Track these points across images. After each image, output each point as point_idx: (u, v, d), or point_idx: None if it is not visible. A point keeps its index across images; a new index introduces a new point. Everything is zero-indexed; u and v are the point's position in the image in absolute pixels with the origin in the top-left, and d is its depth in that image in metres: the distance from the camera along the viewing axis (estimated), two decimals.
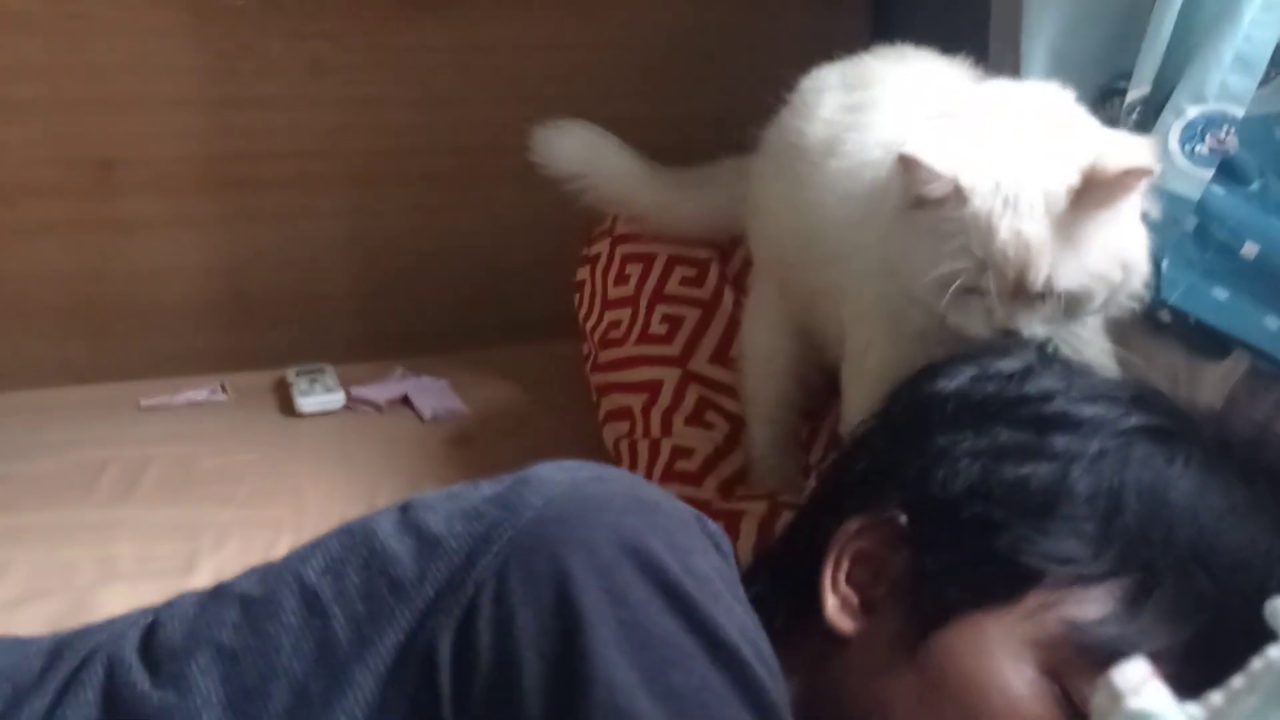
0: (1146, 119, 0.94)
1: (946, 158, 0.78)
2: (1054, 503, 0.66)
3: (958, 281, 0.78)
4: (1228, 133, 0.89)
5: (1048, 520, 0.66)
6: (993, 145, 0.80)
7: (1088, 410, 0.70)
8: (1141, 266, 0.82)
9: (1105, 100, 0.96)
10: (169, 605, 0.70)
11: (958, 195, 0.78)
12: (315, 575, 0.64)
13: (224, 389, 1.57)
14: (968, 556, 0.66)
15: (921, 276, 0.81)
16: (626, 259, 1.41)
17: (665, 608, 0.57)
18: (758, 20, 1.76)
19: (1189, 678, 0.55)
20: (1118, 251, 0.80)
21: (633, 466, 1.22)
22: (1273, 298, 0.85)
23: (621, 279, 1.40)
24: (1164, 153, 0.90)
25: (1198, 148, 0.90)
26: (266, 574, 0.68)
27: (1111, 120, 0.92)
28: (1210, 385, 0.88)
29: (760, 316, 1.15)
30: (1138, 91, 0.94)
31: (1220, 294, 0.87)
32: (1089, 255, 0.78)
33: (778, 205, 1.05)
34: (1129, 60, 0.95)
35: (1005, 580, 0.65)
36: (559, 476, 0.63)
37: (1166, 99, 0.92)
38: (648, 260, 1.38)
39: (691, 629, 0.57)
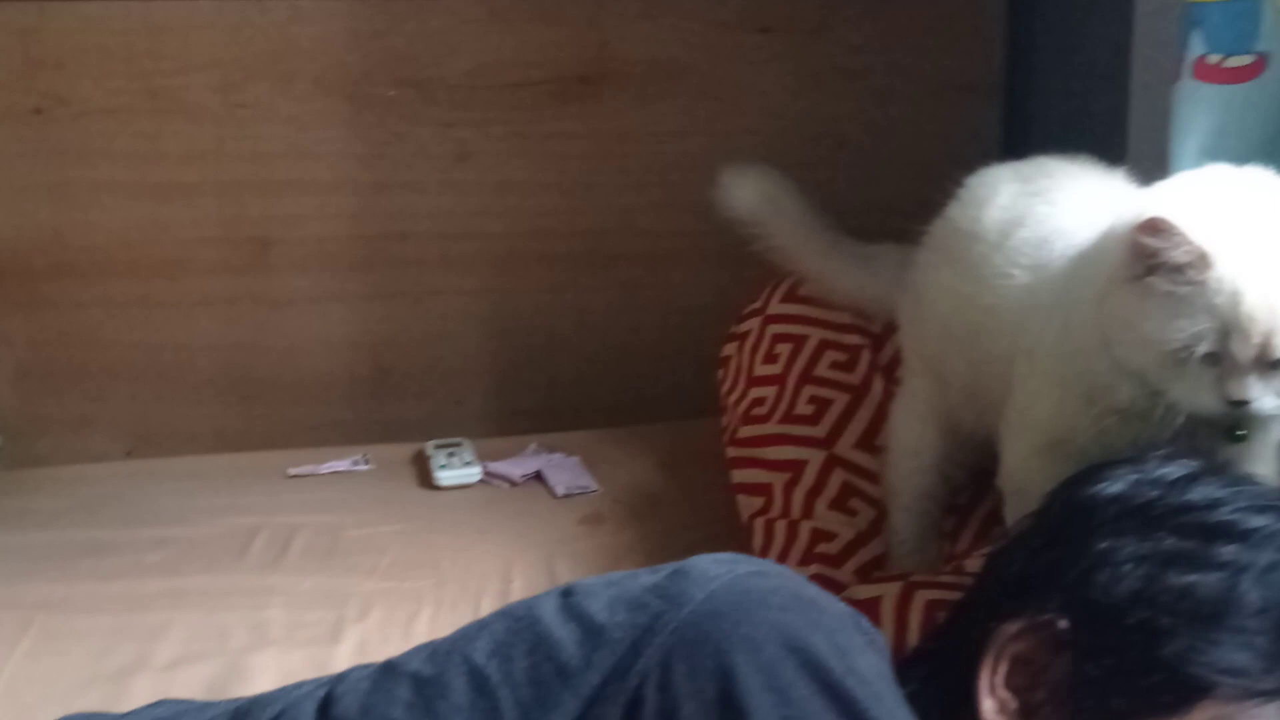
0: None
1: (1194, 221, 0.78)
2: (1223, 613, 0.66)
3: (1199, 349, 0.78)
4: None
5: (1217, 630, 0.65)
6: (1233, 215, 0.80)
7: (1256, 520, 0.69)
8: None
9: None
10: (342, 678, 0.73)
11: (1203, 260, 0.78)
12: (483, 657, 0.67)
13: (366, 460, 1.63)
14: (1133, 664, 0.65)
15: (1150, 347, 0.80)
16: (777, 338, 1.42)
17: (828, 707, 0.58)
18: (890, 110, 1.78)
19: None
20: None
21: (768, 544, 1.23)
22: None
23: (771, 358, 1.41)
24: None
25: None
26: (435, 653, 0.71)
27: None
28: None
29: (910, 410, 1.16)
30: None
31: None
32: None
33: (944, 295, 1.07)
34: None
35: (1172, 690, 0.64)
36: (718, 570, 0.66)
37: None
38: (799, 341, 1.40)
39: None
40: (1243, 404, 0.78)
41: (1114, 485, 0.74)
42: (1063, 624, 0.69)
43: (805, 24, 1.76)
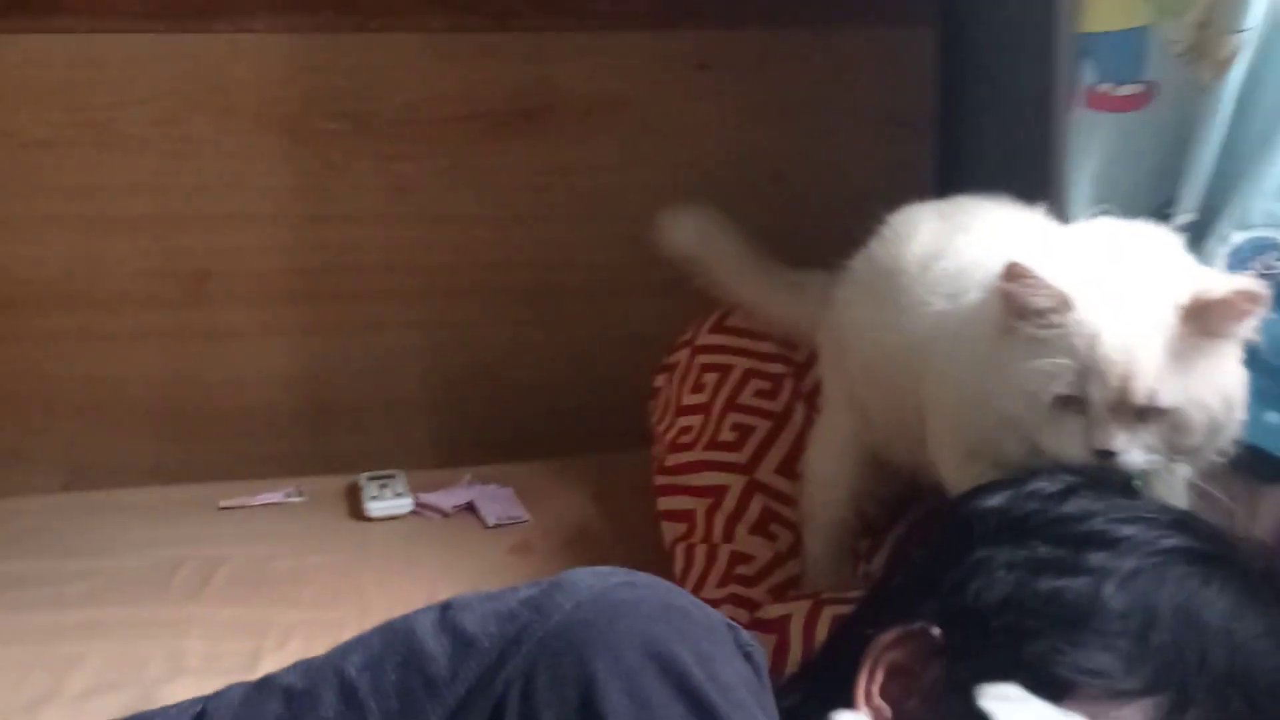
0: (1193, 245, 0.94)
1: (1053, 268, 0.79)
2: (1087, 617, 0.66)
3: (1056, 388, 0.78)
4: (1274, 258, 0.90)
5: (1081, 633, 0.66)
6: (1100, 264, 0.81)
7: (1125, 530, 0.70)
8: (1239, 411, 0.81)
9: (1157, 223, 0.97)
10: (218, 695, 0.72)
11: (1064, 303, 0.78)
12: (355, 670, 0.67)
13: (299, 492, 1.62)
14: (999, 666, 0.65)
15: (1016, 392, 0.81)
16: (705, 368, 1.44)
17: (686, 713, 0.58)
18: (827, 145, 1.81)
19: None
20: (1221, 385, 0.79)
21: (688, 569, 1.23)
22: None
23: (698, 387, 1.43)
24: None
25: (1244, 273, 0.90)
26: (310, 668, 0.70)
27: None
28: (1268, 510, 0.87)
29: (828, 443, 1.17)
30: (1184, 218, 0.95)
31: (1273, 418, 0.86)
32: (1193, 377, 0.78)
33: (866, 331, 1.07)
34: (1173, 187, 0.97)
35: (1036, 692, 0.64)
36: (590, 581, 0.65)
37: (1212, 225, 0.93)
38: (725, 371, 1.42)
39: None
40: (1108, 455, 0.78)
41: (993, 499, 0.74)
42: (936, 631, 0.69)
43: (743, 60, 1.78)
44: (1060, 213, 1.06)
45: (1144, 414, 0.78)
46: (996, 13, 1.72)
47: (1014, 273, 0.79)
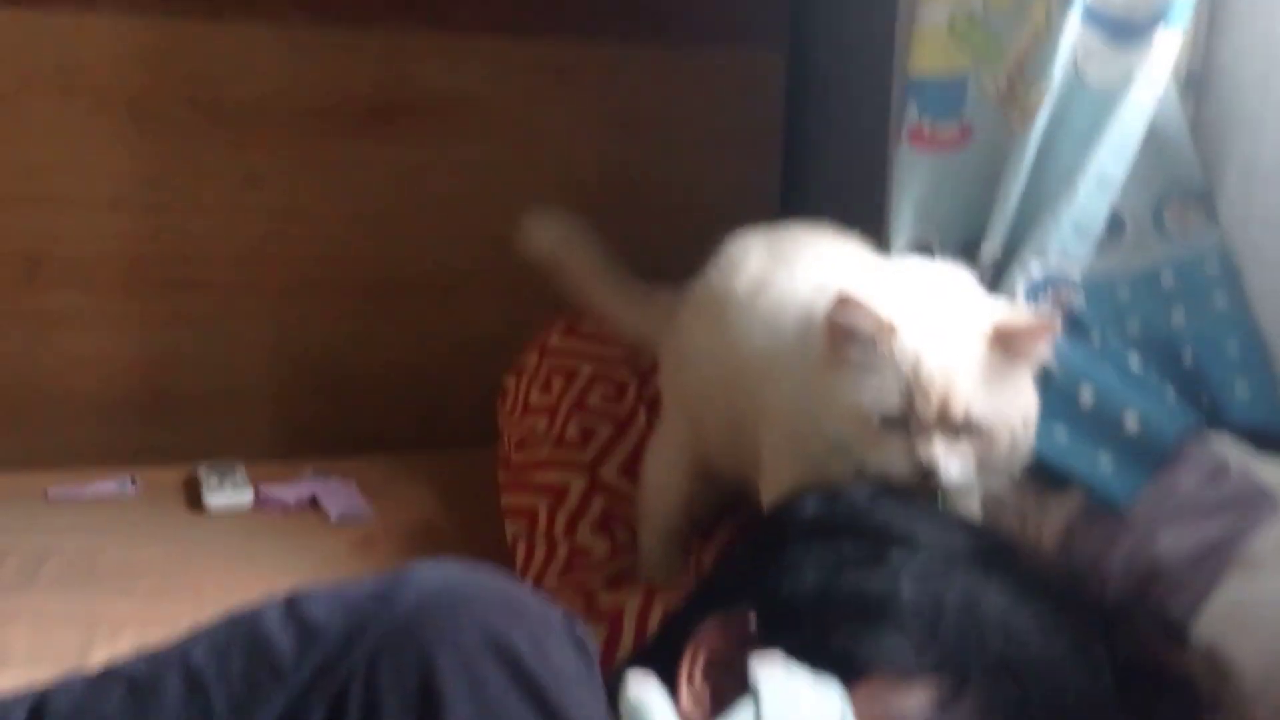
0: (999, 275, 1.03)
1: (878, 300, 0.87)
2: (883, 608, 0.74)
3: (885, 406, 0.85)
4: (1067, 291, 0.99)
5: (877, 623, 0.73)
6: (915, 296, 0.89)
7: (922, 533, 0.78)
8: (1030, 433, 0.89)
9: (968, 254, 1.06)
10: (58, 684, 0.73)
11: (887, 329, 0.86)
12: (201, 658, 0.68)
13: (134, 482, 1.59)
14: (805, 652, 0.72)
15: (846, 415, 0.87)
16: (553, 370, 1.47)
17: (520, 697, 0.62)
18: (675, 158, 1.87)
19: None
20: (1021, 405, 0.88)
21: (528, 564, 1.27)
22: (1105, 439, 0.94)
23: (546, 389, 1.46)
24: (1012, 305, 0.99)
25: (1039, 304, 0.99)
26: (153, 657, 0.71)
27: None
28: (1054, 516, 0.96)
29: (663, 453, 1.21)
30: (990, 250, 1.04)
31: (1060, 433, 0.95)
32: (1000, 397, 0.86)
33: (702, 354, 1.12)
34: (983, 222, 1.05)
35: (836, 673, 0.71)
36: (432, 574, 0.69)
37: (1015, 258, 1.02)
38: (571, 375, 1.45)
39: (543, 716, 0.62)
40: (929, 472, 0.85)
41: (808, 505, 0.82)
42: (751, 619, 0.76)
43: (599, 71, 1.83)
44: (887, 237, 1.14)
45: (959, 430, 0.86)
46: (841, 43, 1.81)
47: (843, 302, 0.86)
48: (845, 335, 0.87)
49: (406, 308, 1.83)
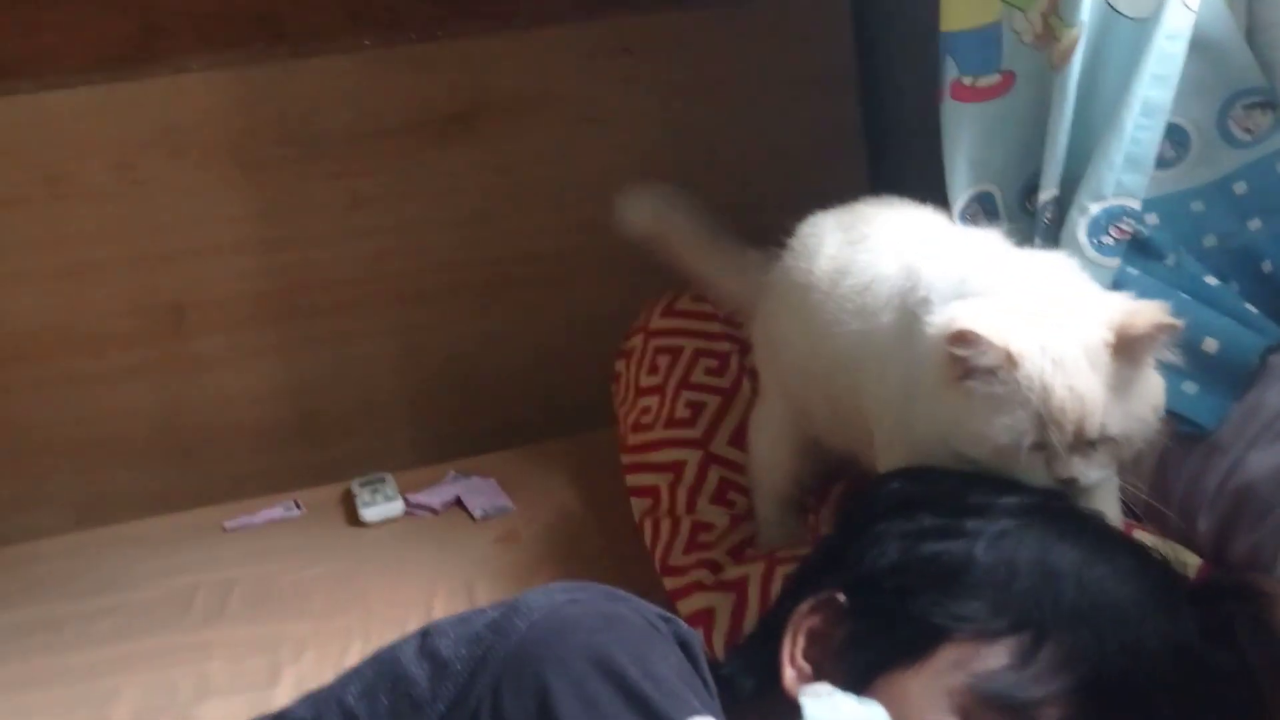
0: (1058, 217, 1.03)
1: (996, 328, 0.85)
2: (961, 573, 0.78)
3: (1025, 442, 0.84)
4: (1128, 223, 0.99)
5: (955, 587, 0.78)
6: (1028, 313, 0.87)
7: (995, 499, 0.81)
8: (1162, 412, 0.88)
9: (1027, 199, 1.06)
10: None
11: (1010, 361, 0.84)
12: (354, 699, 0.78)
13: (298, 505, 1.72)
14: (889, 620, 0.78)
15: (980, 443, 0.87)
16: (658, 351, 1.53)
17: (627, 707, 0.69)
18: (751, 112, 1.88)
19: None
20: (1151, 400, 0.88)
21: (655, 540, 1.34)
22: (1187, 366, 0.94)
23: (653, 369, 1.52)
24: (1075, 246, 0.99)
25: (1103, 239, 0.99)
26: (316, 699, 0.81)
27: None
28: (1148, 450, 0.96)
29: (766, 430, 1.25)
30: (1047, 194, 1.04)
31: (1190, 388, 0.95)
32: (1131, 402, 0.86)
33: (795, 338, 1.14)
34: (1037, 165, 1.05)
35: (918, 639, 0.77)
36: (541, 601, 0.76)
37: (1071, 198, 1.02)
38: (675, 352, 1.51)
39: None
40: (1072, 481, 0.86)
41: (892, 484, 0.88)
42: (841, 597, 0.81)
43: (663, 41, 1.85)
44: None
45: (1095, 444, 0.86)
46: None
47: (960, 338, 0.85)
48: (967, 369, 0.86)
49: (519, 300, 1.90)
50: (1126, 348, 0.85)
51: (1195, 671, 0.75)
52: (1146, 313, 0.85)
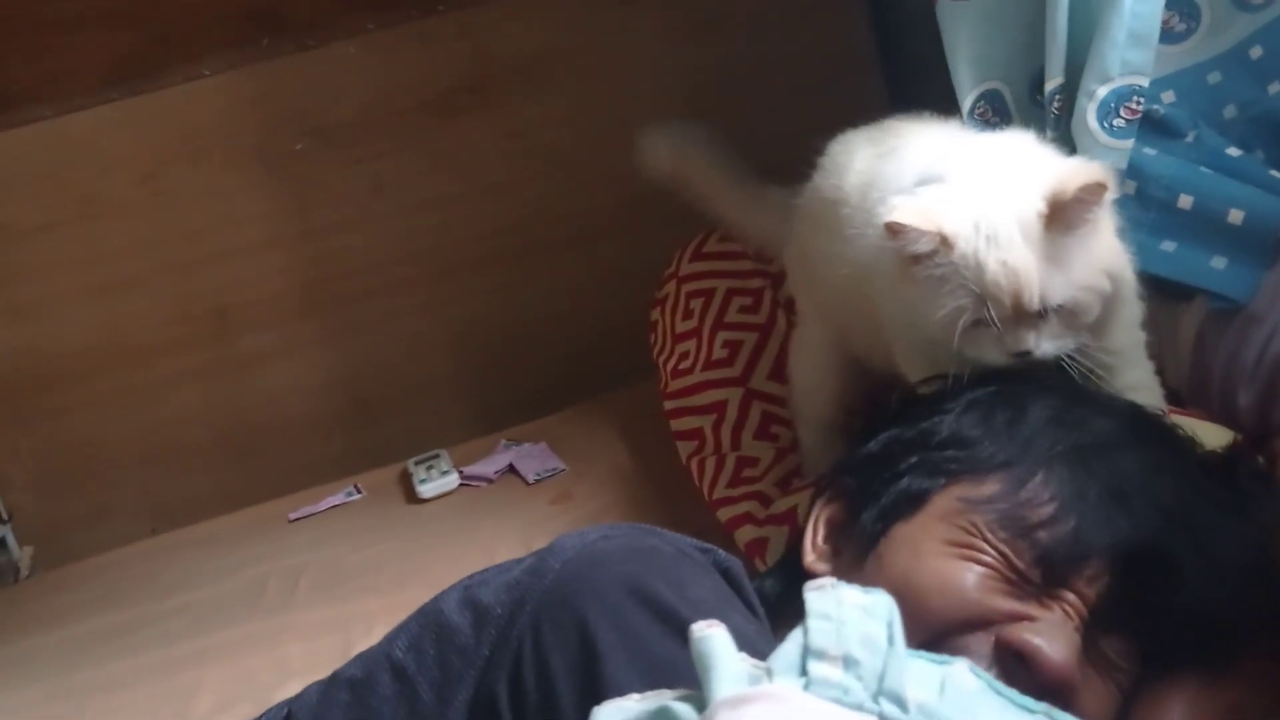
0: (1068, 105, 1.00)
1: (926, 214, 0.87)
2: (942, 431, 0.83)
3: (964, 317, 0.87)
4: (1139, 102, 0.96)
5: (940, 443, 0.83)
6: (966, 194, 0.89)
7: (1009, 383, 0.86)
8: (1127, 273, 0.90)
9: (1037, 93, 1.03)
10: (299, 696, 0.85)
11: (945, 244, 0.87)
12: (401, 652, 0.79)
13: (358, 489, 1.74)
14: (886, 483, 0.83)
15: (933, 323, 0.90)
16: (690, 295, 1.52)
17: (665, 632, 0.69)
18: (759, 42, 1.85)
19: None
20: (1099, 264, 0.88)
21: (701, 480, 1.35)
22: (1214, 240, 0.91)
23: (688, 314, 1.52)
24: (1086, 132, 0.97)
25: (1114, 122, 0.96)
26: (365, 658, 0.83)
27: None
28: (1185, 327, 0.94)
29: (806, 354, 1.25)
30: (1053, 82, 1.01)
31: (1169, 246, 0.93)
32: (1072, 271, 0.86)
33: (829, 258, 1.12)
34: (1041, 56, 1.02)
35: (912, 490, 0.81)
36: (573, 542, 0.77)
37: (1078, 84, 0.99)
38: (708, 294, 1.50)
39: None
40: (1025, 353, 0.88)
41: (893, 401, 0.93)
42: (849, 480, 0.87)
43: None
44: None
45: (1042, 314, 0.87)
46: None
47: (893, 229, 0.88)
48: (907, 255, 0.89)
49: (550, 264, 1.91)
50: (1059, 215, 0.85)
51: (1189, 496, 0.77)
52: (1076, 177, 0.85)
